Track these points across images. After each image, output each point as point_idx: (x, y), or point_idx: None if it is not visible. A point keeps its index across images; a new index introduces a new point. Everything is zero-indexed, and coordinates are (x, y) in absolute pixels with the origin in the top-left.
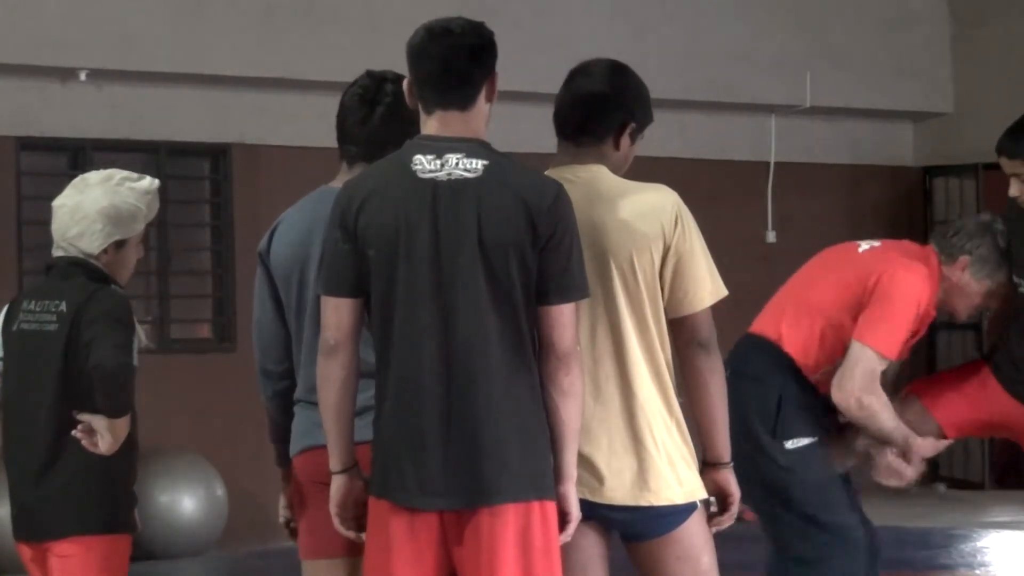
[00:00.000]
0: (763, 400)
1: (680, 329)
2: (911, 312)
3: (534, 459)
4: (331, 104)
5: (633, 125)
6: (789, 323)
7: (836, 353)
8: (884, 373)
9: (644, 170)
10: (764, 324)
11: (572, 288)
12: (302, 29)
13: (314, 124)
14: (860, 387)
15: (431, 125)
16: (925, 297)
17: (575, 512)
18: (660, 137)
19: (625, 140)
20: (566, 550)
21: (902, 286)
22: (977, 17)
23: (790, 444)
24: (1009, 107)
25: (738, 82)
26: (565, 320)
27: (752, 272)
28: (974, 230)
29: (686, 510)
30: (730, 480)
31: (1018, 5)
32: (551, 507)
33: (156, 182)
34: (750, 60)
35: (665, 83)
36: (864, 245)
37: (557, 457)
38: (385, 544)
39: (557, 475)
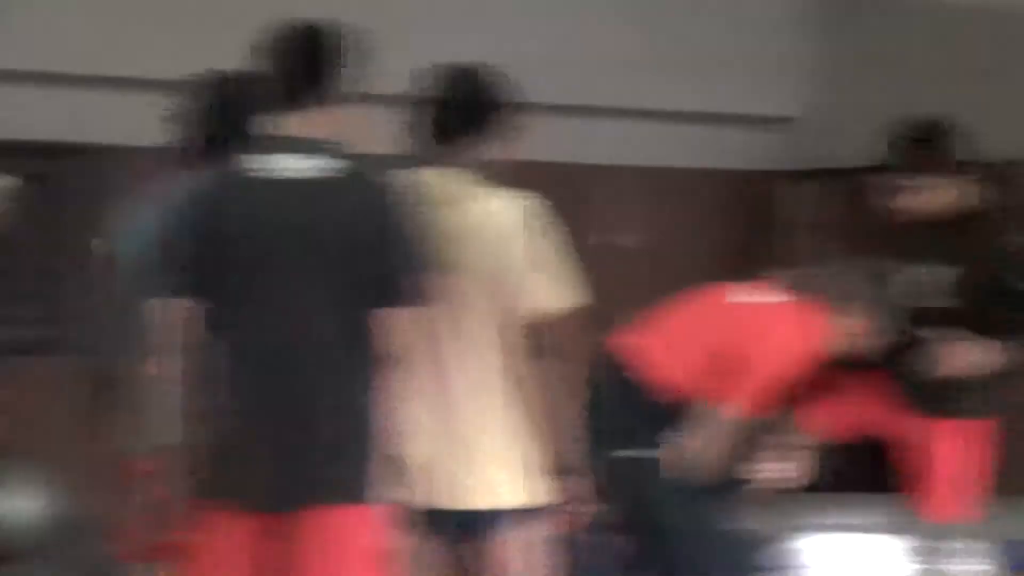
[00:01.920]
0: (613, 412)
1: (533, 335)
2: (770, 375)
3: (369, 463)
4: (159, 103)
5: (500, 132)
6: (653, 353)
7: (692, 387)
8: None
9: (510, 174)
10: (629, 344)
11: (411, 293)
12: (140, 26)
13: (146, 124)
14: (706, 441)
15: (278, 124)
16: (786, 358)
17: (403, 517)
18: (520, 141)
19: (486, 145)
20: (406, 554)
21: (762, 354)
22: (827, 22)
23: (640, 454)
24: (855, 112)
25: (591, 85)
26: (402, 325)
27: (610, 277)
28: (841, 269)
29: (530, 514)
30: (576, 485)
31: (875, 10)
32: (384, 511)
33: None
34: (602, 62)
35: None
36: (741, 295)
37: (391, 461)
38: (214, 546)
39: (391, 479)
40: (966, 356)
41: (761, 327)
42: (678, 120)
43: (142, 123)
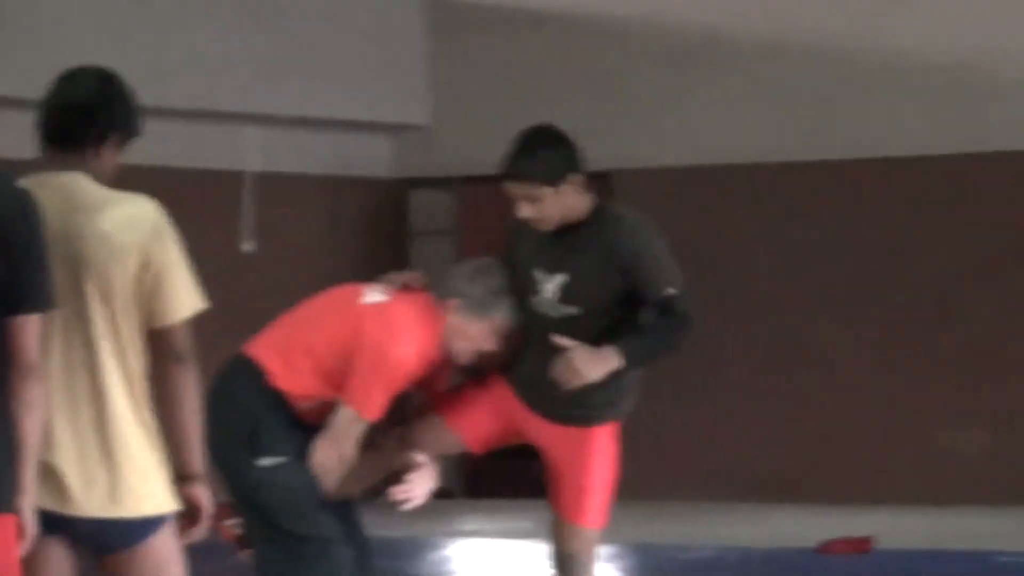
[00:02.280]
0: (240, 420)
1: (157, 341)
2: (396, 378)
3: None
4: None
5: (118, 136)
6: (283, 358)
7: (322, 392)
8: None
9: (122, 178)
10: (259, 350)
11: (38, 299)
12: None
13: None
14: (343, 450)
15: None
16: (412, 361)
17: (30, 526)
18: (138, 145)
19: (108, 151)
20: (32, 564)
21: (387, 356)
22: (455, 31)
23: (264, 462)
24: (485, 120)
25: (216, 91)
26: (30, 331)
27: (230, 283)
28: (468, 273)
29: (157, 522)
30: (202, 493)
31: (494, 20)
32: (10, 521)
33: None
34: (228, 69)
35: (143, 90)
36: (370, 296)
37: (18, 472)
38: None
39: (17, 489)
40: (585, 364)
41: (381, 327)
42: (307, 127)
43: None
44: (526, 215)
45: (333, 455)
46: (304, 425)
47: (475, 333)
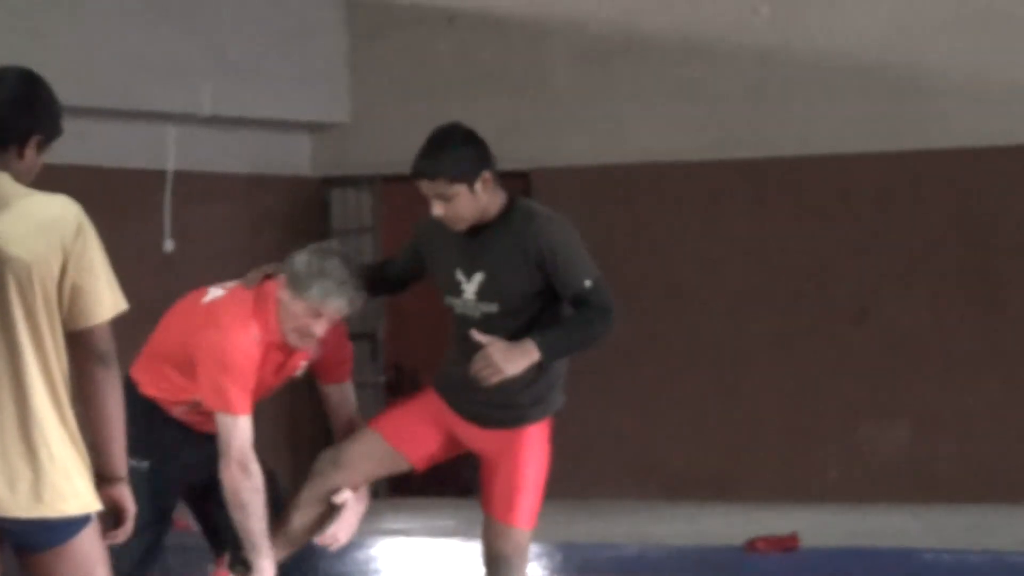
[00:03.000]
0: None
1: (79, 342)
2: (239, 367)
3: None
4: None
5: (39, 137)
6: (145, 365)
7: (188, 393)
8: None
9: (42, 178)
10: (135, 361)
11: None
12: None
13: None
14: (237, 454)
15: None
16: (245, 346)
17: None
18: (57, 144)
19: (30, 151)
20: None
21: (218, 349)
22: (374, 29)
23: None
24: (404, 119)
25: (135, 89)
26: None
27: (150, 283)
28: (304, 251)
29: (80, 522)
30: (124, 494)
31: (412, 19)
32: None
33: None
34: (147, 67)
35: (62, 89)
36: (212, 293)
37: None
38: None
39: None
40: (502, 359)
41: (207, 323)
42: (226, 126)
43: None
44: (439, 214)
45: (234, 471)
46: (177, 431)
47: (297, 311)
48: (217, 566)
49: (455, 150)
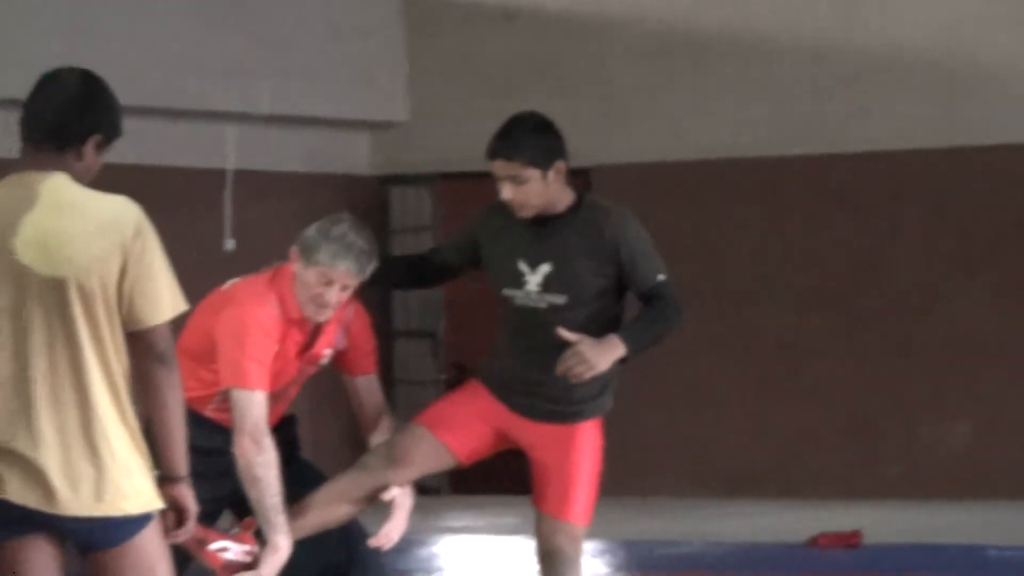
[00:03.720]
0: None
1: (138, 342)
2: (255, 340)
3: None
4: None
5: (99, 137)
6: (184, 355)
7: (213, 385)
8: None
9: (102, 178)
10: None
11: None
12: None
13: None
14: (250, 427)
15: None
16: (262, 317)
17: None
18: (117, 144)
19: (90, 152)
20: (19, 564)
21: (235, 323)
22: (432, 27)
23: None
24: (463, 117)
25: (194, 90)
26: None
27: (210, 281)
28: (316, 223)
29: (142, 520)
30: (185, 493)
31: (470, 16)
32: None
33: None
34: (206, 67)
35: (122, 89)
36: (232, 281)
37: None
38: None
39: None
40: (594, 354)
41: (224, 303)
42: (286, 125)
43: None
44: (508, 197)
45: (247, 445)
46: (210, 439)
47: (309, 279)
48: (242, 528)
49: (533, 135)
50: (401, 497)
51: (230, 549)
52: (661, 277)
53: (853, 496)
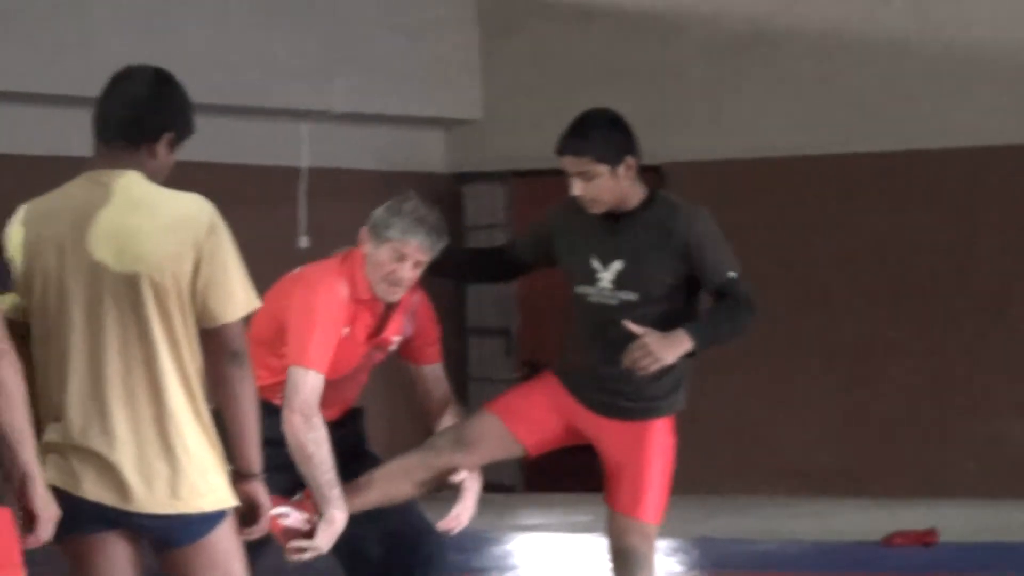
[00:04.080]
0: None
1: (212, 340)
2: (324, 320)
3: None
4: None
5: (172, 135)
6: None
7: (282, 372)
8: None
9: (176, 175)
10: None
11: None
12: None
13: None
14: (300, 404)
15: None
16: (331, 297)
17: (48, 511)
18: (192, 142)
19: (163, 149)
20: (95, 561)
21: (305, 303)
22: (505, 25)
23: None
24: (536, 114)
25: (268, 88)
26: None
27: None
28: (385, 204)
29: (216, 517)
30: (259, 490)
31: (543, 14)
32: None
33: None
34: (280, 65)
35: (196, 88)
36: (303, 267)
37: (12, 458)
38: None
39: (19, 476)
40: (660, 348)
41: (296, 284)
42: (360, 123)
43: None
44: (578, 193)
45: (297, 421)
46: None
47: (382, 258)
48: (304, 496)
49: (603, 131)
50: (469, 481)
51: (290, 515)
52: (732, 274)
53: (929, 494)
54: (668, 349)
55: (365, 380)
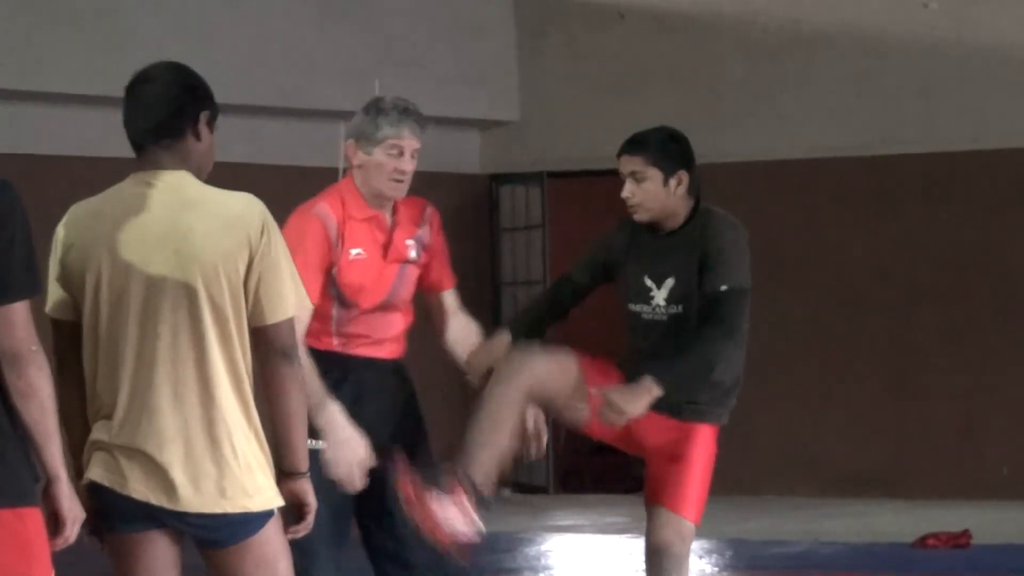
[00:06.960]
0: None
1: (262, 338)
2: (304, 251)
3: (3, 466)
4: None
5: (208, 113)
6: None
7: (327, 317)
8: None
9: (217, 176)
10: None
11: (16, 287)
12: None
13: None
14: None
15: None
16: (310, 219)
17: (73, 512)
18: (230, 143)
19: (203, 129)
20: (139, 559)
21: (284, 238)
22: (541, 27)
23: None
24: (573, 116)
25: (307, 88)
26: (12, 320)
27: None
28: (358, 115)
29: (262, 517)
30: (306, 489)
31: (580, 16)
32: (29, 513)
33: None
34: (318, 67)
35: (236, 89)
36: None
37: (40, 460)
38: None
39: (46, 478)
40: (626, 403)
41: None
42: None
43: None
44: (626, 195)
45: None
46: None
47: (380, 159)
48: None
49: (662, 140)
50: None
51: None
52: (724, 288)
53: (962, 496)
54: (633, 402)
55: (410, 317)
